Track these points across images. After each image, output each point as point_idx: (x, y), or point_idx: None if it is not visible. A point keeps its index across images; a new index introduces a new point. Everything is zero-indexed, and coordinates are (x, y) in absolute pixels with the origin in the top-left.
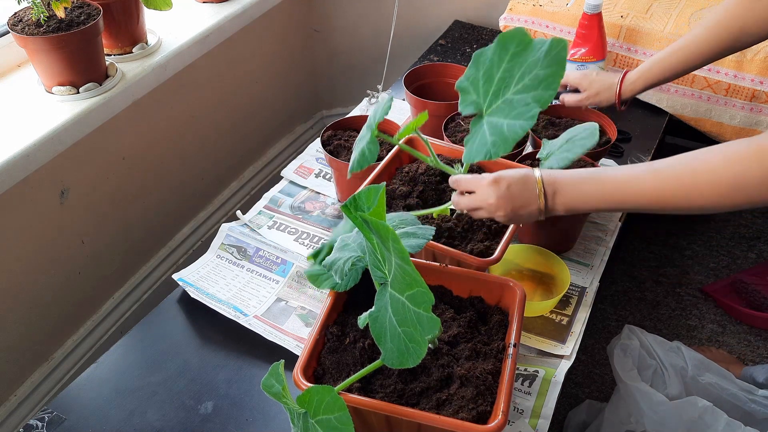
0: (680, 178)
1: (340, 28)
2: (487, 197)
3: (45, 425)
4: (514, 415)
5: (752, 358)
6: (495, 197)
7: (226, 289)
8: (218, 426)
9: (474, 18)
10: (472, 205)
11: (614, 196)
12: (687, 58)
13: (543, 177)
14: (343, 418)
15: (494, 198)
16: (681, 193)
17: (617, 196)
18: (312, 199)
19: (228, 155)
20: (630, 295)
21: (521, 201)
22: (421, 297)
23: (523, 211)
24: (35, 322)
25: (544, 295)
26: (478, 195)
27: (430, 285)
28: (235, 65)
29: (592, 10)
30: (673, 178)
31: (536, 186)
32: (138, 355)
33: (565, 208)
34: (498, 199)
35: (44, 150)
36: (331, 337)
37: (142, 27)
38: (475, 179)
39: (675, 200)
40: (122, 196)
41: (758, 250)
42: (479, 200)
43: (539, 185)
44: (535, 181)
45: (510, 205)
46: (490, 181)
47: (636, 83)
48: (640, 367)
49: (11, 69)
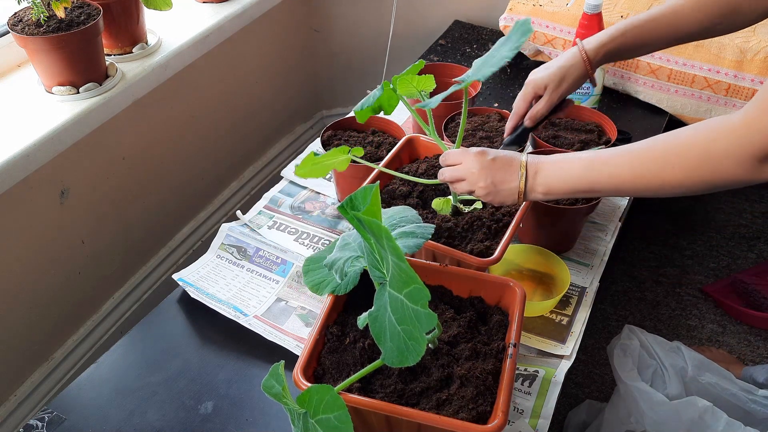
0: (651, 151)
1: (340, 28)
2: (471, 167)
3: (45, 425)
4: (514, 415)
5: (752, 358)
6: (478, 167)
7: (226, 289)
8: (218, 426)
9: (474, 18)
10: (456, 174)
11: (590, 175)
12: (667, 28)
13: (528, 159)
14: (342, 417)
15: (477, 168)
16: (653, 167)
17: (592, 175)
18: (312, 199)
19: (228, 155)
20: (630, 295)
21: (502, 175)
22: (417, 294)
23: (502, 186)
24: (35, 322)
25: (544, 295)
26: (463, 165)
27: (430, 285)
28: (235, 65)
29: (592, 10)
30: (645, 152)
31: (520, 165)
32: (138, 355)
33: (544, 189)
34: (481, 169)
35: (44, 150)
36: (331, 337)
37: (142, 27)
38: (463, 151)
39: (648, 176)
40: (122, 196)
41: (758, 250)
42: (463, 170)
43: (523, 165)
44: (520, 161)
45: (491, 177)
46: (477, 152)
47: (607, 46)
48: (640, 367)
49: (11, 69)
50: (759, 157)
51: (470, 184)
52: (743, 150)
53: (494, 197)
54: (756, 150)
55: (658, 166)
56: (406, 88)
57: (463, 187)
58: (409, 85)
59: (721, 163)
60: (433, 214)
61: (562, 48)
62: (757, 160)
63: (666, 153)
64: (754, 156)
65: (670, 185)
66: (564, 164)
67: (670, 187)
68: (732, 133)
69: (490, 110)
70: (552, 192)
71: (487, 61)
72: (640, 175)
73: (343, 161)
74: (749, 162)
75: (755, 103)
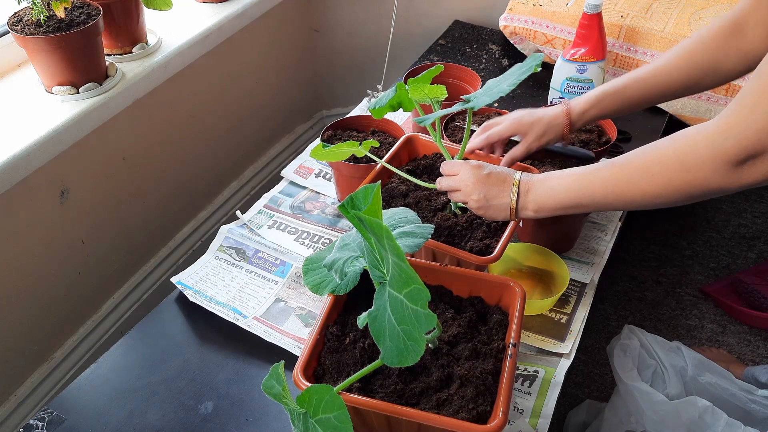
0: (632, 163)
1: (340, 28)
2: (467, 179)
3: (45, 425)
4: (514, 415)
5: (752, 358)
6: (473, 180)
7: (225, 290)
8: (218, 426)
9: (474, 18)
10: (452, 184)
11: (576, 191)
12: (647, 91)
13: (522, 178)
14: (342, 416)
15: (472, 181)
16: (633, 178)
17: (578, 191)
18: (312, 199)
19: (228, 155)
20: (630, 295)
21: (495, 191)
22: (417, 294)
23: (494, 201)
24: (35, 322)
25: (543, 293)
26: (460, 176)
27: (430, 285)
28: (235, 65)
29: (592, 10)
30: (627, 165)
31: (513, 182)
32: (138, 355)
33: (535, 206)
34: (476, 182)
35: (44, 150)
36: (331, 337)
37: (142, 27)
38: (462, 162)
39: (629, 188)
40: (122, 196)
41: (758, 250)
42: (459, 180)
43: (516, 183)
44: (514, 178)
45: (484, 191)
46: (474, 164)
47: (589, 112)
48: (640, 367)
49: (11, 69)
50: (733, 162)
51: (464, 195)
52: (717, 156)
53: (486, 211)
54: (730, 155)
55: (638, 176)
56: (418, 94)
57: (458, 197)
58: (421, 92)
59: (697, 170)
60: (432, 214)
61: (561, 48)
62: (731, 165)
63: (645, 163)
64: (728, 161)
65: (651, 195)
66: (552, 181)
67: (651, 198)
68: (706, 139)
69: (490, 110)
70: (542, 209)
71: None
72: (621, 188)
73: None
74: (724, 168)
75: (729, 110)
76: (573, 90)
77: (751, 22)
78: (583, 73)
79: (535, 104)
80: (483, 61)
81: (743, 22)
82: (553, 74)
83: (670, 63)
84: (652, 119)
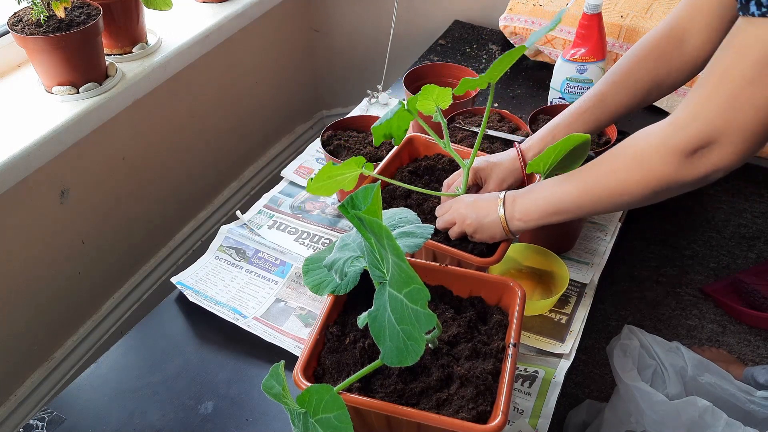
0: (600, 162)
1: (340, 28)
2: (458, 208)
3: (45, 425)
4: (514, 415)
5: (752, 358)
6: (464, 206)
7: (225, 290)
8: (218, 426)
9: (474, 18)
10: (447, 219)
11: (555, 196)
12: (597, 119)
13: (507, 192)
14: (342, 416)
15: (463, 207)
16: (600, 177)
17: (557, 196)
18: (312, 200)
19: (228, 155)
20: (630, 295)
21: (485, 210)
22: (417, 294)
23: (486, 219)
24: (35, 322)
25: (543, 293)
26: (452, 209)
27: (430, 285)
28: (235, 65)
29: (592, 10)
30: (596, 165)
31: (498, 198)
32: (138, 355)
33: (521, 215)
34: (466, 207)
35: (44, 150)
36: (331, 337)
37: (142, 27)
38: (451, 200)
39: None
40: (122, 196)
41: (758, 250)
42: (453, 213)
43: (501, 198)
44: (499, 196)
45: (475, 212)
46: (463, 197)
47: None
48: (640, 367)
49: (11, 69)
50: (684, 152)
51: (460, 224)
52: (669, 147)
53: (482, 233)
54: (681, 144)
55: (603, 174)
56: (425, 102)
57: (455, 230)
58: (429, 98)
59: (652, 163)
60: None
61: (561, 48)
62: (683, 155)
63: (609, 161)
64: (680, 152)
65: (618, 194)
66: (535, 189)
67: (618, 196)
68: (660, 132)
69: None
70: (528, 218)
71: None
72: (593, 189)
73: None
74: (676, 157)
75: (682, 104)
76: (573, 90)
77: (692, 29)
78: (583, 73)
79: (536, 104)
80: (483, 61)
81: (682, 30)
82: (553, 74)
83: (615, 85)
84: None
